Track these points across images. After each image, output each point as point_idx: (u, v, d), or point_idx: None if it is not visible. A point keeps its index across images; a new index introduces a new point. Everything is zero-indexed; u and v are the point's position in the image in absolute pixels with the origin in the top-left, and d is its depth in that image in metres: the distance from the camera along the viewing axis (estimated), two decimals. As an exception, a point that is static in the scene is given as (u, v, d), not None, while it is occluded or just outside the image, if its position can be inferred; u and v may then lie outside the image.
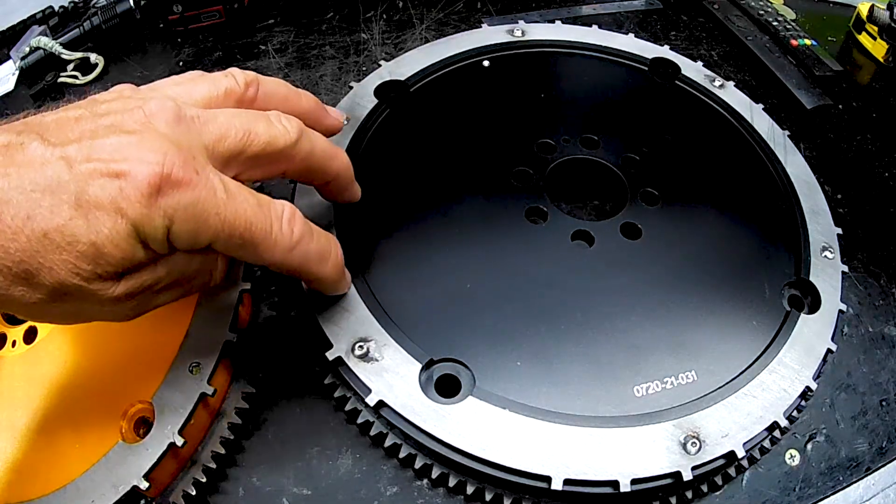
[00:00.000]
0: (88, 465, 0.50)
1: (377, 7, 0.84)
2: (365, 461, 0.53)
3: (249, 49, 0.84)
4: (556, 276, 0.56)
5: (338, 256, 0.49)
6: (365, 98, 0.66)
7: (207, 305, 0.55)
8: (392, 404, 0.49)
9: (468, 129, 0.66)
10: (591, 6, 0.90)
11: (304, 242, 0.45)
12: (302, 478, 0.52)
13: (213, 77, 0.47)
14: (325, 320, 0.53)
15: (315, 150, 0.48)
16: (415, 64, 0.70)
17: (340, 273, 0.51)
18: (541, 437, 0.48)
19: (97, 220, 0.37)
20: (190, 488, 0.51)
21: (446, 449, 0.48)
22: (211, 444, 0.53)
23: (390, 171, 0.62)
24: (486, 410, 0.49)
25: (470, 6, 0.82)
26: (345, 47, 0.80)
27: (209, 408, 0.53)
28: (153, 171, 0.37)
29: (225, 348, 0.53)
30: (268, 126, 0.44)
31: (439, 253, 0.57)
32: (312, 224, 0.46)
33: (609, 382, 0.51)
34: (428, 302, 0.54)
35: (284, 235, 0.43)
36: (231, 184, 0.41)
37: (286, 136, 0.45)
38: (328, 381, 0.54)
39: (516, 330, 0.53)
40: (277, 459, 0.54)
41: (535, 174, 0.63)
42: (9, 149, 0.37)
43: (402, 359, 0.51)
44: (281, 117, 0.46)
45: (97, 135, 0.38)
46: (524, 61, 0.73)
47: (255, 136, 0.43)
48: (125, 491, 0.48)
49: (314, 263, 0.47)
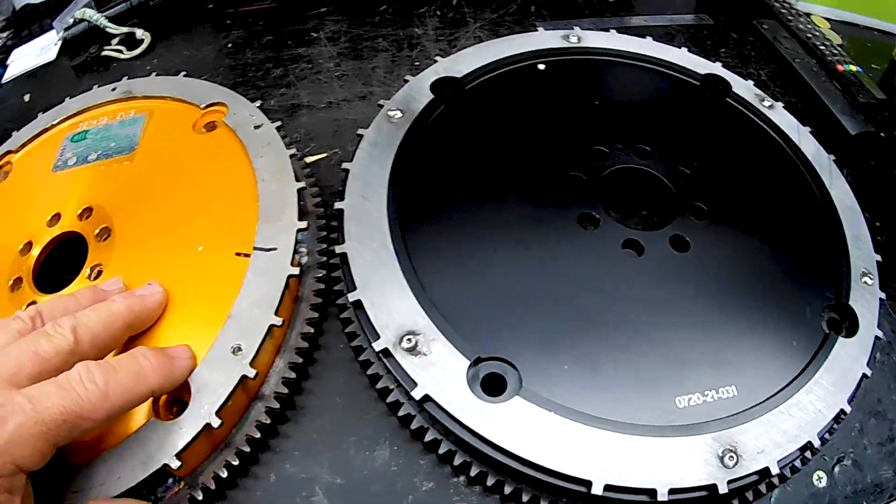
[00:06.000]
0: (118, 441, 0.51)
1: (431, 3, 0.85)
2: (402, 454, 0.53)
3: (301, 36, 0.85)
4: (606, 283, 0.57)
5: (153, 362, 0.50)
6: (420, 93, 0.67)
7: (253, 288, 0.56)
8: (438, 399, 0.50)
9: (522, 130, 0.66)
10: (642, 17, 0.91)
11: (112, 381, 0.47)
12: (336, 467, 0.53)
13: (4, 325, 0.51)
14: (373, 310, 0.54)
15: (95, 327, 0.51)
16: (471, 62, 0.71)
17: (167, 372, 0.51)
18: (583, 441, 0.49)
19: None
20: (221, 470, 0.52)
21: (488, 447, 0.49)
22: (246, 428, 0.54)
23: (444, 166, 0.63)
24: (531, 411, 0.49)
25: (523, 9, 0.83)
26: (398, 41, 0.81)
27: (248, 390, 0.54)
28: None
29: (269, 332, 0.54)
30: (48, 339, 0.48)
31: (490, 251, 0.58)
32: (114, 359, 0.49)
33: (652, 392, 0.52)
34: (477, 299, 0.55)
35: (91, 392, 0.46)
36: (32, 391, 0.44)
37: (65, 339, 0.49)
38: (371, 372, 0.54)
39: (564, 333, 0.54)
40: (313, 447, 0.54)
41: (589, 180, 0.63)
42: None
43: (450, 354, 0.52)
44: (56, 326, 0.50)
45: None
46: (579, 67, 0.73)
47: (42, 352, 0.47)
48: (155, 469, 0.49)
49: (137, 387, 0.49)
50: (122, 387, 0.47)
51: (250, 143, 0.66)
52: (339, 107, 0.76)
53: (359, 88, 0.78)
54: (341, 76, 0.79)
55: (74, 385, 0.45)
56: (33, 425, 0.43)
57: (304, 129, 0.72)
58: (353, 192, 0.60)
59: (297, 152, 0.65)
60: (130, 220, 0.65)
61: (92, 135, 0.76)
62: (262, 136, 0.66)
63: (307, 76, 0.81)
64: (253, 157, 0.64)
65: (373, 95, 0.77)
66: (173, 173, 0.68)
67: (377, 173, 0.61)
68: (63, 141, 0.77)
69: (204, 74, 0.78)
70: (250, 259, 0.58)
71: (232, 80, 0.77)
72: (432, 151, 0.64)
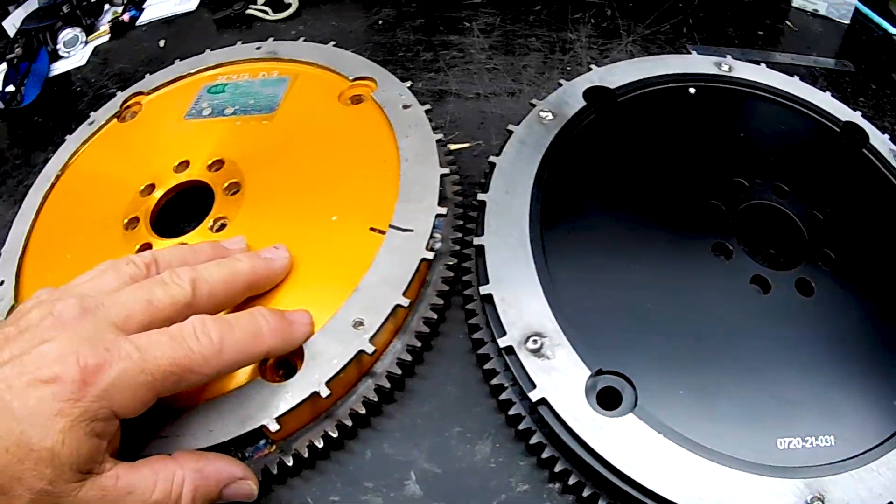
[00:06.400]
0: (216, 394, 0.51)
1: (586, 10, 0.84)
2: (503, 453, 0.53)
3: (454, 23, 0.85)
4: (728, 315, 0.56)
5: (270, 323, 0.50)
6: (573, 98, 0.67)
7: (384, 266, 0.56)
8: (554, 404, 0.49)
9: (668, 150, 0.66)
10: (788, 55, 0.89)
11: (228, 338, 0.47)
12: (435, 455, 0.53)
13: (116, 267, 0.51)
14: (503, 306, 0.53)
15: (215, 283, 0.51)
16: (624, 75, 0.70)
17: (285, 334, 0.51)
18: (685, 467, 0.48)
19: (44, 427, 0.40)
20: (318, 440, 0.52)
21: (593, 459, 0.48)
22: (352, 402, 0.53)
23: (589, 174, 0.63)
24: (641, 430, 0.49)
25: (676, 29, 0.82)
26: (550, 43, 0.81)
27: (361, 366, 0.53)
28: (73, 369, 0.41)
29: (393, 311, 0.53)
30: (165, 289, 0.48)
31: (623, 264, 0.57)
32: (230, 315, 0.49)
33: (756, 429, 0.51)
34: (604, 310, 0.54)
35: (205, 346, 0.45)
36: (141, 339, 0.44)
37: (182, 291, 0.49)
38: (488, 367, 0.54)
39: (683, 358, 0.53)
40: (415, 431, 0.54)
41: (727, 210, 0.62)
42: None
43: (573, 362, 0.51)
44: (173, 275, 0.50)
45: (24, 350, 0.43)
46: (728, 96, 0.72)
47: (157, 301, 0.48)
48: (251, 428, 0.49)
49: (253, 346, 0.49)
50: (238, 345, 0.47)
51: (397, 123, 0.66)
52: (487, 99, 0.76)
53: (508, 84, 0.77)
54: (492, 69, 0.79)
55: (187, 337, 0.45)
56: (138, 374, 0.43)
57: (449, 115, 0.72)
58: (497, 185, 0.60)
59: (443, 138, 0.65)
60: (262, 178, 0.66)
61: (231, 89, 0.77)
62: (410, 117, 0.66)
63: (457, 64, 0.80)
64: (399, 137, 0.64)
65: (522, 93, 0.76)
66: (313, 139, 0.69)
67: (523, 170, 0.61)
68: (199, 91, 0.78)
69: (352, 48, 0.78)
70: (385, 236, 0.58)
71: (381, 58, 0.77)
72: (579, 158, 0.63)
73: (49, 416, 0.40)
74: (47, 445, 0.40)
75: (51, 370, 0.41)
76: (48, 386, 0.41)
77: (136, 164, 0.73)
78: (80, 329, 0.44)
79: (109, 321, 0.45)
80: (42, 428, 0.40)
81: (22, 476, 0.40)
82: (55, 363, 0.42)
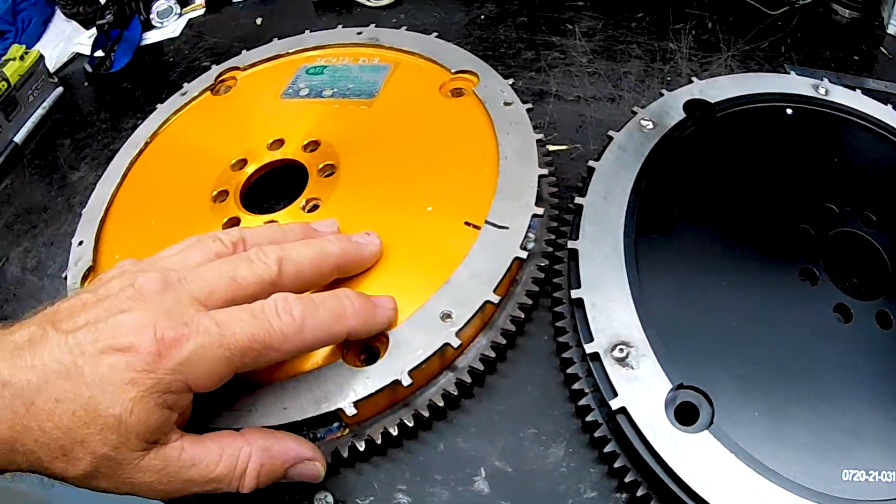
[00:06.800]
0: (294, 373, 0.51)
1: (687, 20, 0.83)
2: (576, 458, 0.52)
3: (556, 24, 0.85)
4: (808, 341, 0.55)
5: (355, 305, 0.50)
6: (673, 109, 0.66)
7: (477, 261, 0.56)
8: (633, 415, 0.49)
9: (761, 168, 0.65)
10: (882, 82, 0.87)
11: (310, 317, 0.46)
12: (508, 454, 0.52)
13: (203, 243, 0.51)
14: (593, 312, 0.53)
15: (302, 263, 0.51)
16: (724, 90, 0.69)
17: (368, 317, 0.51)
18: (753, 491, 0.47)
19: (113, 394, 0.41)
20: (393, 428, 0.52)
21: (664, 473, 0.48)
22: (431, 394, 0.53)
23: (684, 187, 0.62)
24: (715, 449, 0.48)
25: (775, 47, 0.81)
26: (651, 51, 0.80)
27: (444, 358, 0.53)
28: (149, 341, 0.42)
29: (482, 307, 0.53)
30: (250, 267, 0.48)
31: (710, 280, 0.57)
32: (315, 295, 0.49)
33: (823, 457, 0.49)
34: (688, 324, 0.54)
35: (286, 323, 0.45)
36: (221, 314, 0.44)
37: (267, 270, 0.48)
38: (570, 371, 0.54)
39: (761, 379, 0.52)
40: (490, 428, 0.54)
41: (816, 236, 0.61)
42: (32, 343, 0.43)
43: (656, 374, 0.50)
44: (260, 253, 0.49)
45: (100, 318, 0.44)
46: (823, 120, 0.71)
47: (241, 279, 0.47)
48: (328, 410, 0.49)
49: (335, 326, 0.48)
50: (320, 324, 0.47)
51: (498, 119, 0.65)
52: (587, 103, 0.76)
53: (609, 90, 0.77)
54: (593, 73, 0.79)
55: (268, 314, 0.45)
56: (216, 349, 0.43)
57: (548, 116, 0.71)
58: (595, 190, 0.60)
59: (543, 138, 0.65)
60: (358, 163, 0.66)
61: (329, 71, 0.77)
62: (511, 115, 0.66)
63: (558, 65, 0.80)
64: (499, 133, 0.64)
65: (622, 100, 0.76)
66: (412, 128, 0.69)
67: (622, 177, 0.61)
68: (297, 70, 0.79)
69: (453, 40, 0.78)
70: (480, 232, 0.57)
71: (481, 52, 0.76)
72: (675, 169, 0.63)
73: (120, 384, 0.41)
74: (115, 412, 0.41)
75: (126, 339, 0.42)
76: (122, 354, 0.42)
77: (229, 138, 0.73)
78: (159, 302, 0.44)
79: (191, 295, 0.45)
80: (111, 395, 0.41)
81: (86, 440, 0.41)
82: (131, 333, 0.42)
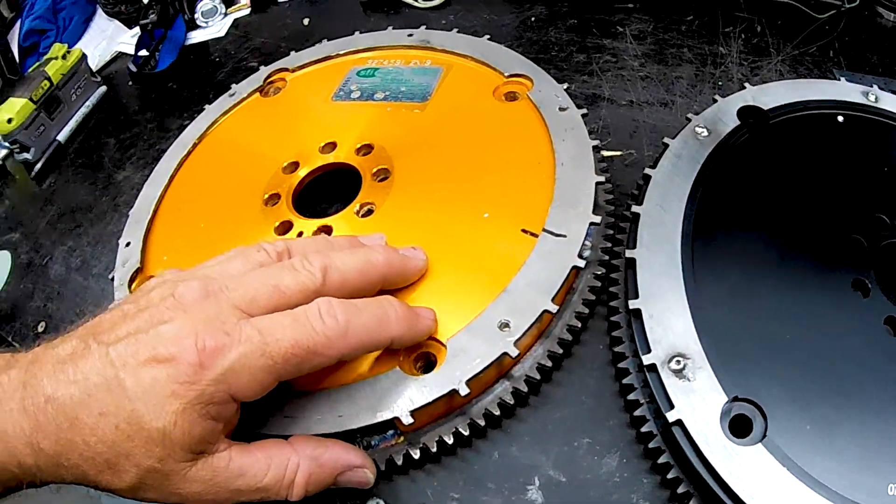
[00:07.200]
0: (351, 379, 0.51)
1: (736, 24, 0.83)
2: (629, 468, 0.52)
3: (606, 27, 0.85)
4: (858, 354, 0.54)
5: (398, 312, 0.49)
6: (727, 115, 0.66)
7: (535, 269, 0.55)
8: (689, 427, 0.49)
9: (814, 176, 0.64)
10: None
11: (354, 321, 0.46)
12: (562, 463, 0.52)
13: (246, 253, 0.51)
14: (651, 323, 0.53)
15: (348, 272, 0.50)
16: (777, 96, 0.69)
17: (411, 324, 0.51)
18: None
19: (156, 407, 0.41)
20: (448, 437, 0.52)
21: (717, 486, 0.47)
22: (487, 402, 0.53)
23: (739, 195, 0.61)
24: (769, 463, 0.48)
25: (823, 52, 0.80)
26: (702, 55, 0.80)
27: (501, 367, 0.53)
28: (190, 351, 0.42)
29: (540, 316, 0.53)
30: (294, 275, 0.48)
31: (765, 291, 0.56)
32: (358, 300, 0.48)
33: (871, 470, 0.49)
34: (744, 336, 0.54)
35: (330, 328, 0.45)
36: (263, 321, 0.44)
37: (312, 278, 0.48)
38: (626, 381, 0.54)
39: (812, 392, 0.52)
40: (544, 437, 0.54)
41: (868, 247, 0.60)
42: (74, 356, 0.43)
43: (712, 386, 0.50)
44: (304, 262, 0.49)
45: (141, 329, 0.44)
46: (873, 127, 0.70)
47: (284, 287, 0.47)
48: (384, 418, 0.49)
49: (379, 332, 0.48)
50: (364, 328, 0.47)
51: (553, 125, 0.65)
52: (640, 108, 0.75)
53: (661, 94, 0.76)
54: (645, 77, 0.78)
55: (311, 318, 0.45)
56: (259, 357, 0.43)
57: (602, 121, 0.71)
58: (651, 199, 0.59)
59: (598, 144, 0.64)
60: (412, 167, 0.66)
61: (381, 74, 0.77)
62: (567, 120, 0.65)
63: (610, 69, 0.80)
64: (555, 139, 0.64)
65: (674, 105, 0.75)
66: (465, 133, 0.69)
67: (678, 185, 0.60)
68: (348, 72, 0.79)
69: (504, 42, 0.78)
70: (537, 239, 0.57)
71: (533, 55, 0.76)
72: (730, 178, 0.62)
73: (163, 396, 0.41)
74: (159, 426, 0.41)
75: (167, 350, 0.42)
76: (163, 366, 0.42)
77: (280, 141, 0.74)
78: (200, 311, 0.44)
79: (232, 303, 0.45)
80: (154, 408, 0.41)
81: (131, 453, 0.41)
82: (172, 344, 0.42)
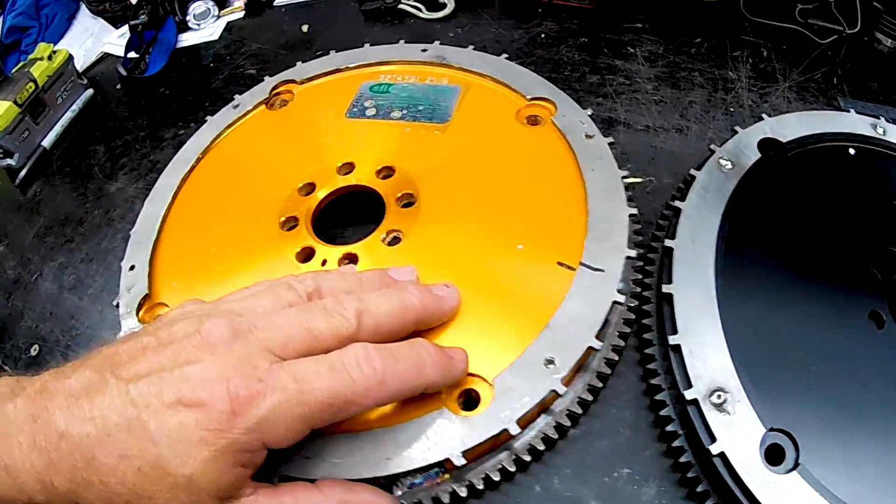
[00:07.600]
0: (397, 421, 0.51)
1: (744, 48, 0.84)
2: (667, 497, 0.53)
3: (617, 47, 0.85)
4: (878, 383, 0.56)
5: (433, 356, 0.49)
6: (748, 148, 0.67)
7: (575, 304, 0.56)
8: (731, 459, 0.50)
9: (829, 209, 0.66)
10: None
11: (391, 369, 0.45)
12: (604, 494, 0.53)
13: (275, 291, 0.49)
14: (691, 359, 0.54)
15: (382, 317, 0.49)
16: (793, 128, 0.70)
17: (446, 369, 0.50)
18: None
19: (184, 453, 0.40)
20: (494, 473, 0.52)
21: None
22: (531, 438, 0.53)
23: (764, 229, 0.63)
24: (804, 490, 0.49)
25: (827, 78, 0.81)
26: (713, 80, 0.80)
27: (544, 403, 0.53)
28: (222, 398, 0.40)
29: (586, 353, 0.54)
30: (327, 319, 0.46)
31: (791, 323, 0.58)
32: (392, 345, 0.47)
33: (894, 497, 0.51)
34: (776, 368, 0.55)
35: (368, 377, 0.44)
36: (297, 367, 0.43)
37: (346, 323, 0.47)
38: (663, 414, 0.55)
39: (838, 420, 0.53)
40: (585, 469, 0.54)
41: (883, 280, 0.62)
42: (90, 391, 0.41)
43: (750, 419, 0.52)
44: (338, 305, 0.48)
45: (164, 367, 0.42)
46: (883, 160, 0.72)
47: (317, 332, 0.46)
48: (435, 460, 0.49)
49: (415, 379, 0.47)
50: (401, 376, 0.46)
51: (581, 153, 0.65)
52: (657, 133, 0.76)
53: (675, 119, 0.77)
54: (659, 101, 0.79)
55: (349, 367, 0.44)
56: (294, 406, 0.42)
57: (620, 147, 0.70)
58: (683, 233, 0.60)
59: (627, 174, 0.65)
60: (438, 193, 0.65)
61: (396, 90, 0.76)
62: (594, 149, 0.65)
63: (625, 92, 0.80)
64: (583, 169, 0.64)
65: (689, 131, 0.75)
66: (491, 158, 0.68)
67: (707, 219, 0.61)
68: (360, 87, 0.78)
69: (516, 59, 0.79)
70: (575, 273, 0.57)
71: (546, 74, 0.75)
72: (756, 210, 0.64)
73: (191, 442, 0.40)
74: (186, 472, 0.40)
75: (195, 394, 0.41)
76: (191, 411, 0.40)
77: (292, 159, 0.72)
78: (230, 353, 0.43)
79: (263, 346, 0.44)
80: (182, 454, 0.40)
81: (154, 497, 0.40)
82: (200, 388, 0.41)
